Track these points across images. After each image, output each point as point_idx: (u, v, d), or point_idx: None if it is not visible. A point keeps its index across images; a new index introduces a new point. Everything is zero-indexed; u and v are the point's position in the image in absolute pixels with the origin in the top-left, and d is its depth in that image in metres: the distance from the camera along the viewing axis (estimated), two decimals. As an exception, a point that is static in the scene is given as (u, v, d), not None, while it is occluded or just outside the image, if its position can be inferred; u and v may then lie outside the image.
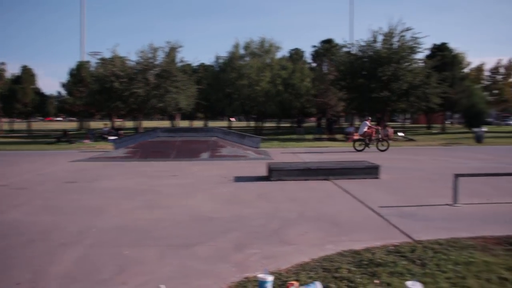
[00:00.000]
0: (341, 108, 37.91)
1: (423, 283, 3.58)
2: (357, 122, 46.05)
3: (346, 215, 6.68)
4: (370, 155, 16.12)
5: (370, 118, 20.83)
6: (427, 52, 36.50)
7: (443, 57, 36.43)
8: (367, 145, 19.07)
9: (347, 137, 27.81)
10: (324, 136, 30.68)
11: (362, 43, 30.30)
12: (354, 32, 72.33)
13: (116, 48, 32.82)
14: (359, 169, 10.60)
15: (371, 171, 10.58)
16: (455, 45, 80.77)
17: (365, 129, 19.11)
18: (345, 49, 35.47)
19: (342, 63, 31.68)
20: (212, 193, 8.88)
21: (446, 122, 50.71)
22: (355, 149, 18.93)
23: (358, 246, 4.93)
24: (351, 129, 29.25)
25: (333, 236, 5.50)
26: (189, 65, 36.72)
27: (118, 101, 30.87)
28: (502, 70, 57.09)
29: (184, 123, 58.23)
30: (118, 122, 55.58)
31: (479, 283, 3.75)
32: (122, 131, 33.83)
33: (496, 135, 32.01)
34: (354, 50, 31.76)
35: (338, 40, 50.49)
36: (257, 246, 5.10)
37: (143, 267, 4.45)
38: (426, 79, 28.69)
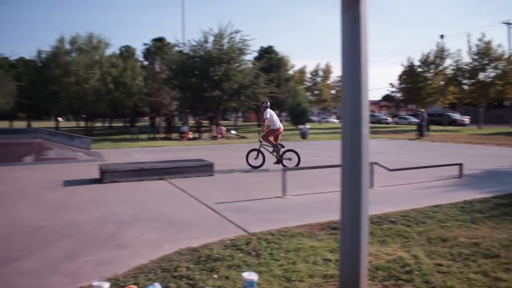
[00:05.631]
0: (175, 107, 38.02)
1: (259, 272, 3.80)
2: (191, 121, 46.65)
3: (182, 214, 6.71)
4: (204, 153, 16.45)
5: (199, 118, 21.15)
6: (255, 54, 38.65)
7: (270, 59, 38.91)
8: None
9: (182, 136, 28.03)
10: (159, 136, 30.45)
11: (194, 43, 30.79)
12: (186, 32, 73.07)
13: None
14: (194, 167, 10.75)
15: (206, 168, 10.81)
16: (280, 49, 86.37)
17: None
18: (177, 48, 35.64)
19: (174, 62, 31.75)
20: (39, 199, 8.16)
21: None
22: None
23: (195, 243, 4.99)
24: (185, 128, 29.50)
25: (171, 235, 5.49)
26: (5, 58, 33.26)
27: None
28: (321, 73, 63.40)
29: (2, 124, 52.60)
30: None
31: (308, 266, 4.11)
32: None
33: (318, 131, 35.31)
34: (186, 50, 32.10)
35: (170, 39, 50.50)
36: (91, 253, 4.84)
37: (-44, 289, 3.91)
38: (255, 80, 30.34)
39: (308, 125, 29.50)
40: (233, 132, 32.37)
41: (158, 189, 9.02)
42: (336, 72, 67.37)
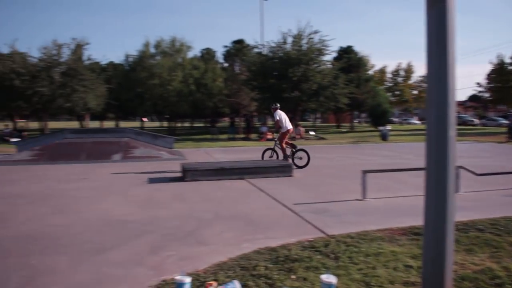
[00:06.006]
0: (254, 108, 38.49)
1: (337, 275, 3.75)
2: (270, 122, 46.97)
3: (261, 214, 6.79)
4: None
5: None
6: (335, 55, 38.20)
7: (349, 59, 38.26)
8: None
9: (261, 136, 28.31)
10: (238, 136, 30.97)
11: (273, 44, 31.00)
12: (265, 33, 73.76)
13: (15, 43, 30.69)
14: (273, 168, 10.83)
15: (284, 169, 10.84)
16: (360, 49, 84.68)
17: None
18: (256, 50, 36.05)
19: (254, 63, 32.14)
20: (125, 195, 8.63)
21: (354, 121, 53.22)
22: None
23: (274, 243, 5.02)
24: (264, 129, 29.78)
25: (249, 234, 5.57)
26: (97, 63, 35.41)
27: (19, 100, 28.96)
28: (402, 73, 61.27)
29: (94, 124, 56.05)
30: (21, 123, 52.28)
31: (388, 272, 3.99)
32: (25, 133, 31.82)
33: (399, 133, 34.26)
34: (265, 51, 32.39)
35: (250, 40, 51.21)
36: (173, 248, 5.04)
37: (53, 277, 4.22)
38: (334, 80, 29.98)
39: (388, 127, 28.68)
40: (311, 133, 32.20)
41: (238, 189, 9.18)
42: (419, 71, 64.99)
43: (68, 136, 17.77)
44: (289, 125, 12.62)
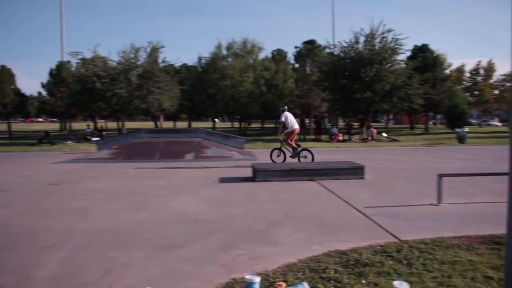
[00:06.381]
0: (325, 109, 38.15)
1: (410, 282, 3.62)
2: (341, 123, 46.39)
3: (331, 216, 6.71)
4: (354, 155, 16.23)
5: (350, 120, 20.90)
6: (409, 54, 36.93)
7: (425, 58, 36.88)
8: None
9: (332, 137, 28.02)
10: (308, 137, 30.83)
11: (344, 44, 30.51)
12: (336, 33, 72.76)
13: (96, 48, 32.29)
14: (344, 170, 10.66)
15: (356, 171, 10.64)
16: (436, 47, 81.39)
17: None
18: (327, 50, 35.66)
19: (325, 64, 31.80)
20: (197, 194, 8.85)
21: (429, 123, 51.27)
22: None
23: (344, 246, 4.94)
24: (335, 130, 29.44)
25: (319, 236, 5.52)
26: (171, 65, 36.41)
27: (100, 101, 30.49)
28: (482, 72, 57.96)
29: (167, 124, 57.94)
30: (101, 123, 55.09)
31: (465, 282, 3.79)
32: (105, 132, 33.54)
33: (477, 135, 32.56)
34: (336, 51, 31.94)
35: (321, 41, 50.84)
36: (244, 247, 5.09)
37: (129, 269, 4.41)
38: (408, 80, 29.00)
39: (466, 129, 27.29)
40: (384, 134, 31.43)
41: (308, 190, 9.13)
42: (501, 70, 61.36)
43: (144, 136, 18.53)
44: (295, 125, 13.62)
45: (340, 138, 28.11)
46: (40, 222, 6.55)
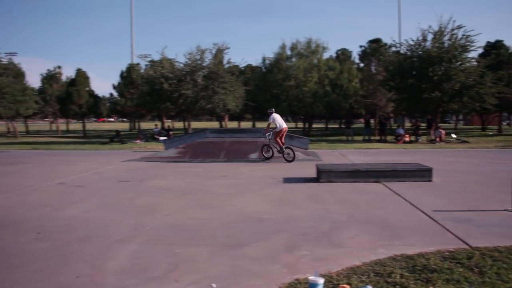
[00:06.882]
0: (391, 109, 37.20)
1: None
2: (407, 124, 45.10)
3: (397, 219, 6.54)
4: (421, 157, 15.71)
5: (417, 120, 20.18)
6: (481, 51, 35.20)
7: (499, 55, 34.99)
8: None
9: (398, 138, 27.29)
10: (374, 138, 30.21)
11: (411, 42, 29.57)
12: (402, 31, 70.58)
13: (164, 50, 33.14)
14: (411, 171, 10.35)
15: (423, 173, 10.30)
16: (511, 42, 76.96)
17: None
18: (393, 49, 34.71)
19: (391, 63, 30.96)
20: (261, 194, 8.93)
21: (503, 123, 48.67)
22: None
23: (411, 250, 4.81)
24: (401, 131, 28.66)
25: (385, 239, 5.41)
26: (236, 66, 36.82)
27: (167, 102, 31.37)
28: None
29: (232, 124, 58.75)
30: (168, 123, 56.75)
31: (543, 294, 3.58)
32: (171, 132, 34.53)
33: (556, 137, 30.52)
34: (403, 50, 31.01)
35: (386, 39, 49.57)
36: (308, 248, 5.08)
37: (195, 266, 4.53)
38: (480, 79, 27.62)
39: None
40: (453, 136, 30.17)
41: (373, 192, 8.95)
42: None
43: (209, 136, 18.89)
44: (283, 125, 15.34)
45: (407, 139, 27.30)
46: (111, 216, 6.87)
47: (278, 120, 15.30)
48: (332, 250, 5.03)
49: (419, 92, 27.71)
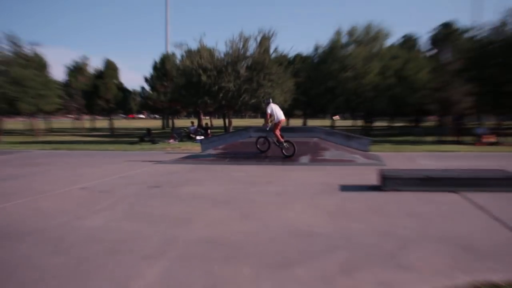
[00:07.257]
0: (467, 105, 36.16)
1: None
2: (490, 122, 43.70)
3: (480, 237, 6.26)
4: (507, 163, 15.10)
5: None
6: None
7: None
8: None
9: (478, 139, 26.45)
10: (448, 138, 29.40)
11: (491, 26, 28.63)
12: (478, 14, 68.35)
13: (202, 38, 33.49)
14: (496, 180, 9.91)
15: (510, 182, 9.86)
16: None
17: None
18: (469, 34, 33.75)
19: (468, 50, 30.07)
20: (313, 203, 8.78)
21: None
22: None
23: (496, 276, 4.61)
24: (481, 130, 27.76)
25: (463, 262, 5.19)
26: (284, 56, 36.74)
27: (205, 96, 31.63)
28: None
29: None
30: (206, 120, 57.40)
31: None
32: (210, 130, 34.82)
33: None
34: (481, 35, 30.07)
35: (462, 23, 48.32)
36: (369, 270, 4.93)
37: (235, 288, 4.45)
38: None
39: None
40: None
41: (449, 203, 8.64)
42: None
43: (253, 135, 18.84)
44: (281, 116, 16.24)
45: (492, 139, 26.36)
46: (139, 227, 6.90)
47: (276, 110, 16.30)
48: (399, 274, 4.85)
49: (503, 84, 26.77)
